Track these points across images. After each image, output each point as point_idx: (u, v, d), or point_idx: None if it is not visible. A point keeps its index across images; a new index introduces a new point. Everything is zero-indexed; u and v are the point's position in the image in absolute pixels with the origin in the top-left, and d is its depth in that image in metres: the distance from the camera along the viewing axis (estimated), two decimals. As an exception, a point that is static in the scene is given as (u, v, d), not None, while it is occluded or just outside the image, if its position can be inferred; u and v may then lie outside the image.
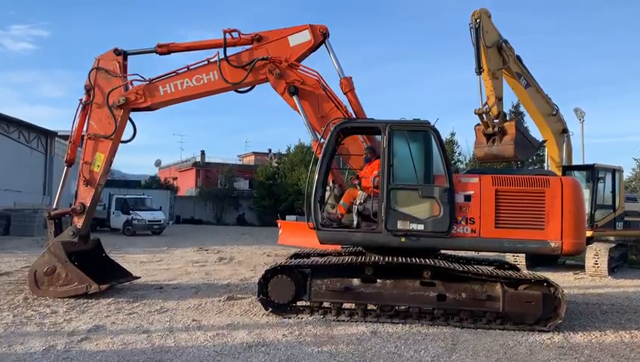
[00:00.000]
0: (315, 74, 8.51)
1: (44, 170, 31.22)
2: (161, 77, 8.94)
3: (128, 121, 9.27)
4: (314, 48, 8.75)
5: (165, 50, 9.04)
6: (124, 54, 9.15)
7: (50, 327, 6.69)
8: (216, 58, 8.70)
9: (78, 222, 8.95)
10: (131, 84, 9.08)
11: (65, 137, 34.86)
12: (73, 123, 9.11)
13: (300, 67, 8.62)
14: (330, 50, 8.68)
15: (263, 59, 8.54)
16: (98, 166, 8.99)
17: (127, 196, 28.59)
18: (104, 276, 8.88)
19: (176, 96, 8.94)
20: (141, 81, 9.01)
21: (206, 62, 8.79)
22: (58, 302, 8.19)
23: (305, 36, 8.65)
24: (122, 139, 9.30)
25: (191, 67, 8.84)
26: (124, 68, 9.18)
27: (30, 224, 22.90)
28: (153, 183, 46.21)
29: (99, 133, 8.96)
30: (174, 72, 8.90)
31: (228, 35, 8.73)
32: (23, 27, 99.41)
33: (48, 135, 31.61)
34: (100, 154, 8.98)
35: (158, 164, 55.56)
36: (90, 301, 8.29)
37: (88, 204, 8.96)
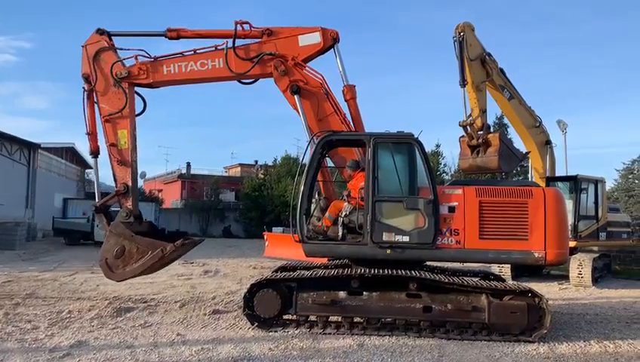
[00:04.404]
0: (320, 77, 8.52)
1: (26, 183, 30.80)
2: (166, 56, 8.88)
3: (137, 96, 9.10)
4: (322, 51, 8.74)
5: (175, 34, 8.99)
6: (108, 35, 8.98)
7: (32, 343, 6.56)
8: (224, 46, 8.67)
9: (127, 203, 8.83)
10: (136, 58, 8.94)
11: (47, 149, 34.78)
12: (84, 114, 8.91)
13: (306, 68, 8.63)
14: (338, 56, 8.70)
15: (270, 54, 8.55)
16: (125, 142, 8.81)
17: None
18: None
19: (178, 78, 8.88)
20: (146, 57, 8.91)
21: (214, 48, 8.76)
22: (40, 317, 8.06)
23: (315, 38, 8.64)
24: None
25: (198, 51, 8.80)
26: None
27: (12, 237, 22.51)
28: (138, 195, 45.74)
29: (113, 112, 8.77)
30: (180, 53, 8.85)
31: (239, 27, 8.73)
32: (4, 39, 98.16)
33: (31, 147, 31.29)
34: (122, 130, 8.81)
35: (142, 176, 54.94)
36: (72, 316, 8.17)
37: (130, 183, 8.85)
